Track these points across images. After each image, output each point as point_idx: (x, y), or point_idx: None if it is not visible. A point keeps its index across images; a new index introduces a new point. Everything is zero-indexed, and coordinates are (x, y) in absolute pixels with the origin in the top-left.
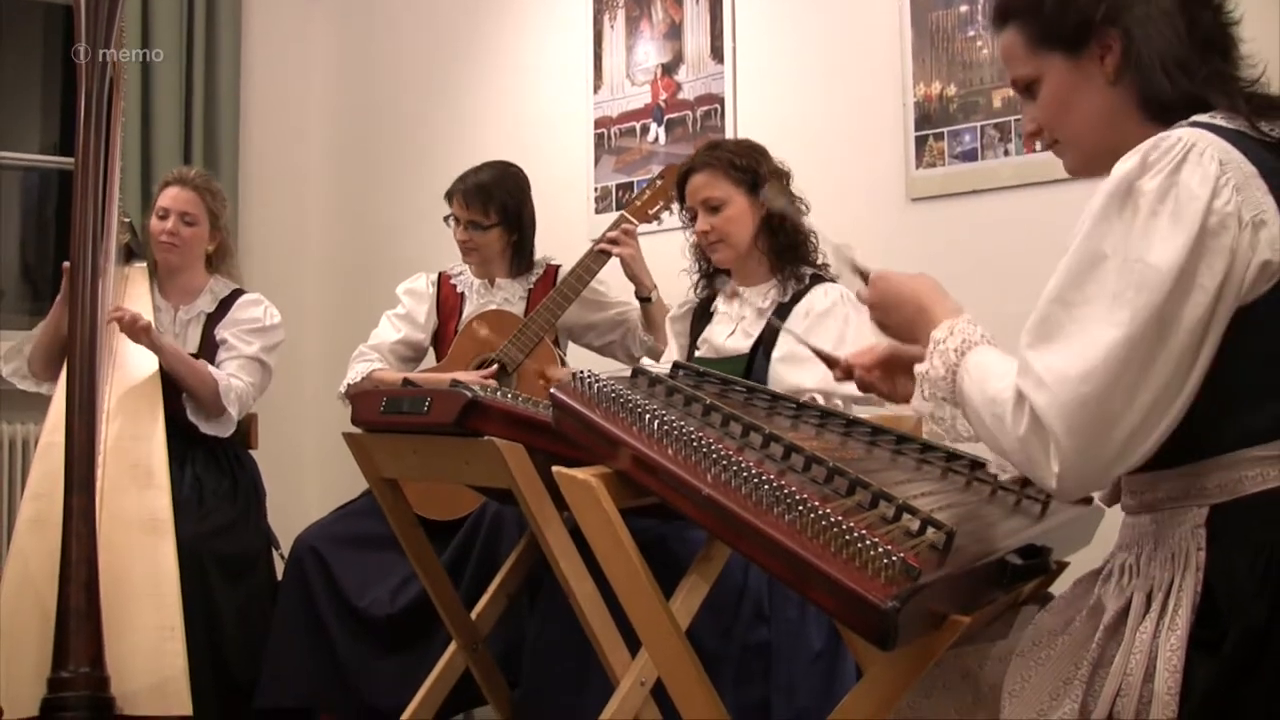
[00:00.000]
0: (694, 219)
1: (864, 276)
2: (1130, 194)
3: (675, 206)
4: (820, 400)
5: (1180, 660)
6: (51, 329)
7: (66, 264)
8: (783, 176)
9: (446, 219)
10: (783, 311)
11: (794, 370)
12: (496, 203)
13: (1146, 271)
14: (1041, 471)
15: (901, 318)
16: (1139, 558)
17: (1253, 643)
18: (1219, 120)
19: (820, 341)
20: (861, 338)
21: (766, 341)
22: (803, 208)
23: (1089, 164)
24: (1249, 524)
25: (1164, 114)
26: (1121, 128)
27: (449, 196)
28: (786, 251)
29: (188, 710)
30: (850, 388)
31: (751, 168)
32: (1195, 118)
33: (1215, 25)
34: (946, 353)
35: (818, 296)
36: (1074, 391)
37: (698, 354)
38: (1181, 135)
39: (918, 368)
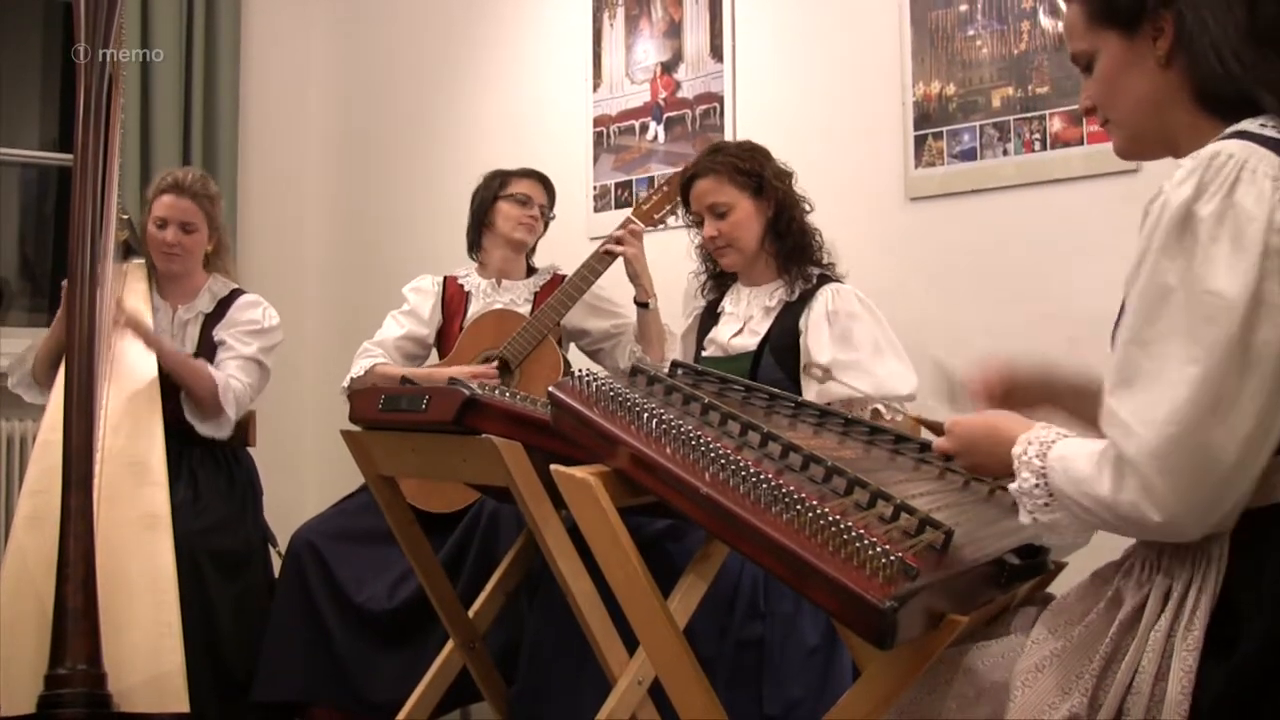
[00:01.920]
0: (699, 224)
1: (934, 430)
2: (1188, 221)
3: (681, 211)
4: (883, 410)
5: (1195, 661)
6: (55, 339)
7: (66, 282)
8: (785, 177)
9: (498, 198)
10: (791, 310)
11: (841, 377)
12: (554, 198)
13: (1215, 301)
14: (1140, 520)
15: (982, 452)
16: (1160, 554)
17: (1272, 649)
18: (1269, 130)
19: (858, 344)
20: (891, 339)
21: (774, 340)
22: (806, 207)
23: (1135, 146)
24: (1275, 531)
25: (1215, 104)
26: (1170, 113)
27: (519, 177)
28: (794, 253)
29: (185, 707)
30: (904, 389)
31: (755, 171)
32: (1243, 126)
33: (1278, 16)
34: (1030, 461)
35: (831, 297)
36: (1162, 433)
37: (705, 354)
38: (1232, 151)
39: (1012, 488)
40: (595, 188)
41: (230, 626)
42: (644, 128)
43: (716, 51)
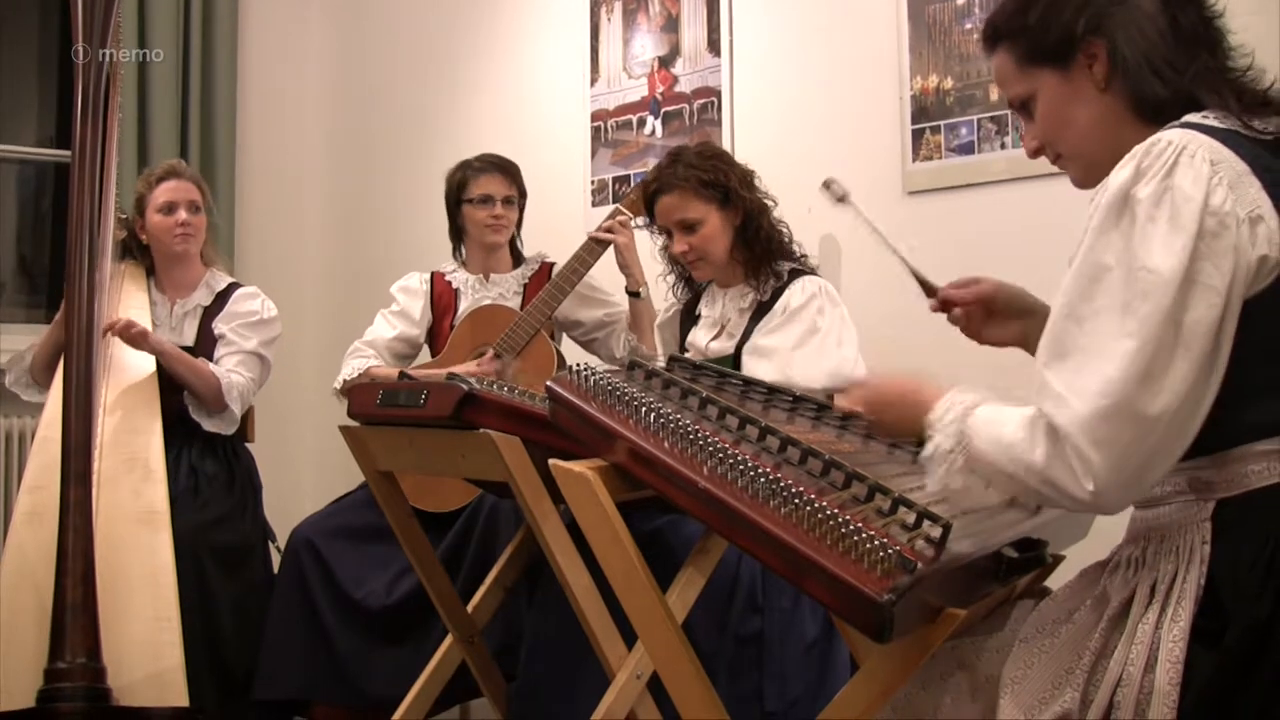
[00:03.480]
0: (668, 235)
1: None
2: (1127, 203)
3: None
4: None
5: (1182, 652)
6: (54, 339)
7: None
8: (749, 180)
9: (461, 202)
10: (765, 309)
11: (755, 361)
12: (519, 179)
13: (1150, 278)
14: (1073, 491)
15: (897, 414)
16: (1145, 550)
17: (1254, 637)
18: (1211, 120)
19: (789, 335)
20: (837, 327)
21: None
22: (770, 203)
23: (1093, 174)
24: (1254, 518)
25: (1159, 115)
26: (1118, 134)
27: (475, 174)
28: (763, 256)
29: (184, 701)
30: (808, 381)
31: (720, 182)
32: (1187, 118)
33: (1199, 21)
34: (948, 425)
35: (795, 292)
36: (1095, 405)
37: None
38: (1172, 138)
39: (925, 452)
40: (593, 182)
41: (231, 622)
42: (641, 122)
43: (714, 46)
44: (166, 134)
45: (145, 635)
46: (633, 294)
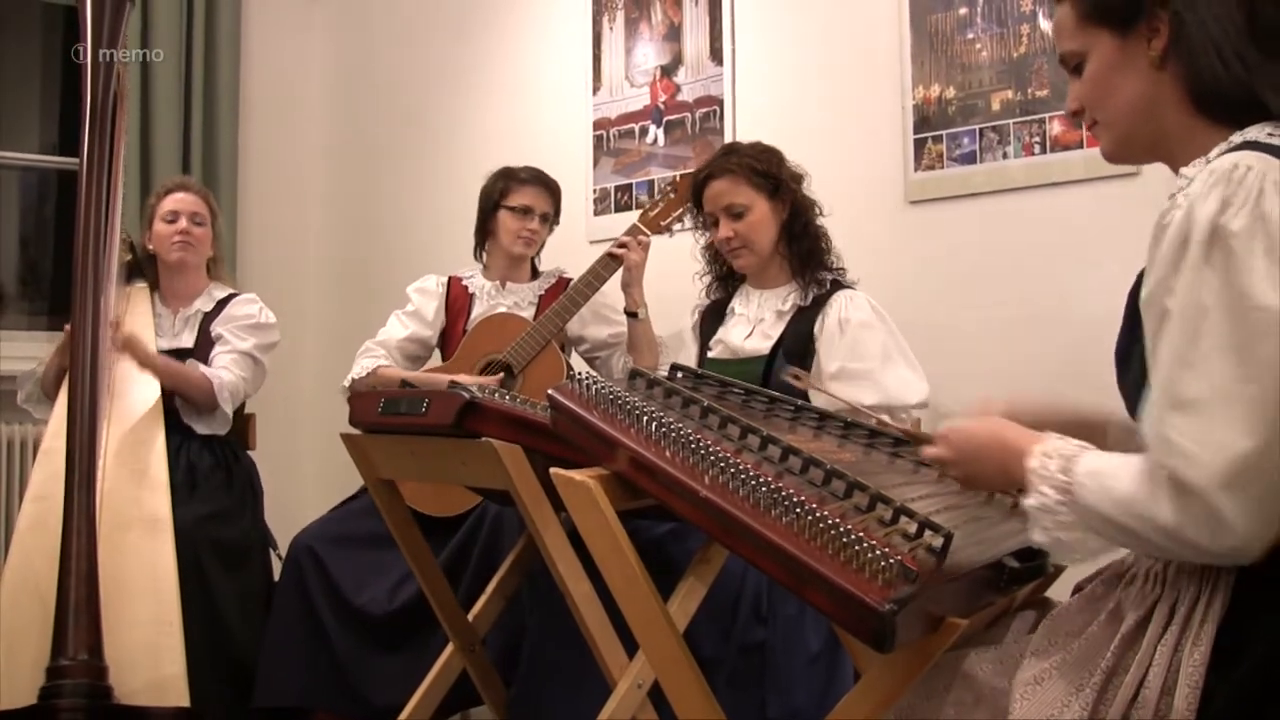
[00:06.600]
0: (715, 224)
1: (921, 440)
2: (1218, 236)
3: (689, 218)
4: (887, 418)
5: (1201, 677)
6: (61, 358)
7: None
8: (799, 180)
9: (499, 206)
10: (805, 316)
11: (849, 386)
12: (559, 201)
13: (1264, 317)
14: (1211, 548)
15: (988, 462)
16: (1166, 566)
17: (1277, 664)
18: (1277, 139)
19: (868, 353)
20: (903, 347)
21: (787, 344)
22: (820, 210)
23: (1124, 149)
24: None
25: (1213, 106)
26: (1162, 117)
27: (520, 184)
28: (808, 256)
29: (185, 702)
30: (913, 398)
31: (772, 173)
32: (1252, 135)
33: (1278, 19)
34: (1053, 477)
35: (845, 304)
36: (1227, 456)
37: (711, 355)
38: (1251, 163)
39: (1028, 504)
40: (595, 191)
41: (233, 618)
42: (644, 131)
43: (716, 54)
44: (169, 138)
45: (146, 639)
46: (630, 314)
